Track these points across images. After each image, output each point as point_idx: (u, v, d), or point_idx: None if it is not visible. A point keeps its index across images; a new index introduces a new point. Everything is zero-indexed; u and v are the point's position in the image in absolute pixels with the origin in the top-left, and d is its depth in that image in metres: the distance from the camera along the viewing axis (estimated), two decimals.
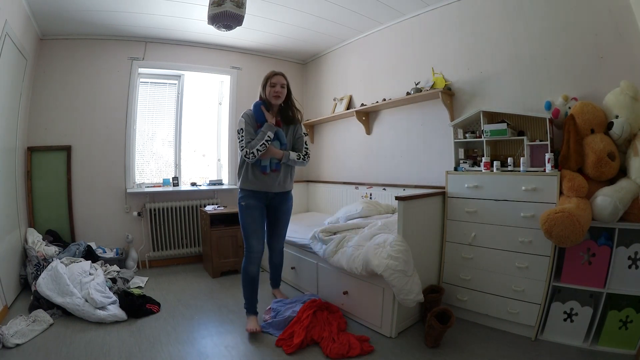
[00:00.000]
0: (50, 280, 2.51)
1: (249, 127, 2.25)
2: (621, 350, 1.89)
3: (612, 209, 1.83)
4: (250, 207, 2.33)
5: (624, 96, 1.94)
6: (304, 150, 2.39)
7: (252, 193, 2.33)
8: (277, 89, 2.33)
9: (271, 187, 2.33)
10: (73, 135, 3.52)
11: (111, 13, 3.13)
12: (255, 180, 2.30)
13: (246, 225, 2.33)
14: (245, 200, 2.33)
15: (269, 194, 2.37)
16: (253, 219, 2.32)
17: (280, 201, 2.46)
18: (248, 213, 2.32)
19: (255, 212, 2.33)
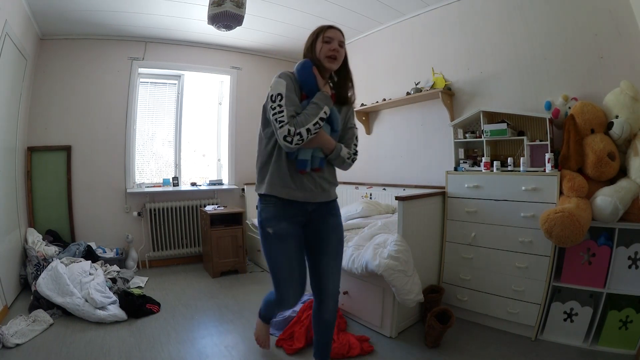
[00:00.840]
0: (50, 280, 2.51)
1: (291, 94, 1.44)
2: (621, 350, 1.89)
3: (612, 209, 1.83)
4: (282, 237, 1.51)
5: (624, 96, 1.94)
6: (353, 148, 1.61)
7: (283, 207, 1.51)
8: (334, 45, 1.50)
9: (314, 195, 1.52)
10: (73, 135, 3.52)
11: (111, 13, 3.13)
12: (289, 182, 1.48)
13: (278, 266, 1.55)
14: (273, 224, 1.51)
15: (309, 206, 1.54)
16: (288, 256, 1.53)
17: (325, 215, 1.59)
18: (279, 247, 1.52)
19: (291, 243, 1.53)
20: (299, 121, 1.39)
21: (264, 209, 1.54)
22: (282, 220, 1.51)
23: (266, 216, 1.53)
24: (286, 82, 1.46)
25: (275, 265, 1.56)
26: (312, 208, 1.55)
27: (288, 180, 1.48)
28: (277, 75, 1.50)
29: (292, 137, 1.37)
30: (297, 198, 1.50)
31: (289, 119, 1.39)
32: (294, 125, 1.38)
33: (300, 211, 1.53)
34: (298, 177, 1.49)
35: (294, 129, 1.38)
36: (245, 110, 4.37)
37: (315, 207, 1.56)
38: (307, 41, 1.60)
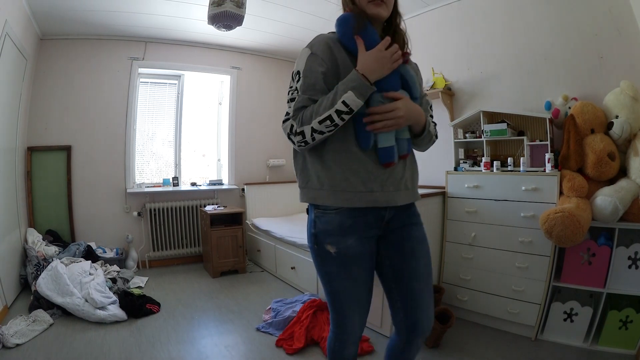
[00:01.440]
0: (50, 280, 2.51)
1: (314, 71, 1.05)
2: (621, 350, 1.89)
3: (612, 209, 1.83)
4: (349, 258, 1.07)
5: (624, 96, 1.94)
6: (432, 122, 1.22)
7: (353, 216, 1.05)
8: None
9: (395, 196, 1.07)
10: (73, 135, 3.52)
11: (111, 13, 3.12)
12: (365, 181, 1.03)
13: (342, 296, 1.12)
14: (336, 241, 1.06)
15: (386, 213, 1.09)
16: (356, 283, 1.11)
17: (407, 224, 1.15)
18: (345, 271, 1.09)
19: (360, 266, 1.10)
20: (306, 115, 1.00)
21: (321, 218, 1.07)
22: (350, 235, 1.05)
23: (324, 228, 1.07)
24: (312, 51, 1.06)
25: (337, 295, 1.11)
26: (390, 215, 1.09)
27: (363, 178, 1.02)
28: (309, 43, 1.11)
29: (294, 137, 1.02)
30: (376, 203, 1.03)
31: (296, 111, 1.03)
32: (298, 121, 1.01)
33: (375, 220, 1.07)
34: (378, 172, 1.03)
35: (296, 126, 1.01)
36: (245, 110, 4.37)
37: (393, 213, 1.10)
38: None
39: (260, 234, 3.75)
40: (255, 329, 2.33)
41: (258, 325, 2.35)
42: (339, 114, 0.97)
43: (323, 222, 1.08)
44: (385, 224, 1.11)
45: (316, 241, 1.10)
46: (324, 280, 1.14)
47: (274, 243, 3.43)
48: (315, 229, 1.09)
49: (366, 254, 1.10)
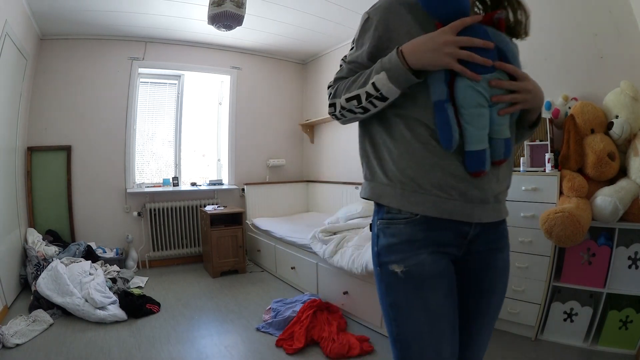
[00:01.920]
0: (50, 280, 2.51)
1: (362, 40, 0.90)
2: (621, 350, 1.89)
3: (612, 209, 1.83)
4: (420, 280, 0.80)
5: (624, 96, 1.94)
6: None
7: (426, 227, 0.80)
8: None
9: (480, 210, 0.81)
10: (73, 135, 3.52)
11: (111, 13, 3.12)
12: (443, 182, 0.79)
13: (410, 334, 0.82)
14: (403, 258, 0.81)
15: (470, 229, 0.83)
16: (431, 313, 0.80)
17: (493, 248, 0.90)
18: (415, 297, 0.81)
19: (437, 290, 0.81)
20: (340, 87, 0.86)
21: (385, 231, 0.84)
22: (422, 250, 0.80)
23: (388, 243, 0.83)
24: (369, 15, 0.86)
25: (409, 343, 0.81)
26: (475, 232, 0.83)
27: (439, 179, 0.78)
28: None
29: (329, 107, 0.89)
30: (452, 215, 0.79)
31: (336, 80, 0.90)
32: (333, 91, 0.88)
33: (454, 237, 0.82)
34: (462, 175, 0.79)
35: (330, 96, 0.89)
36: (245, 110, 4.37)
37: (479, 230, 0.84)
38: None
39: (260, 234, 3.75)
40: (255, 329, 2.33)
41: (258, 325, 2.35)
42: (367, 97, 0.79)
43: (387, 236, 0.83)
44: (467, 243, 0.84)
45: (379, 261, 0.85)
46: (389, 319, 0.84)
47: (274, 243, 3.43)
48: (378, 246, 0.85)
49: (446, 274, 0.81)
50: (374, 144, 0.87)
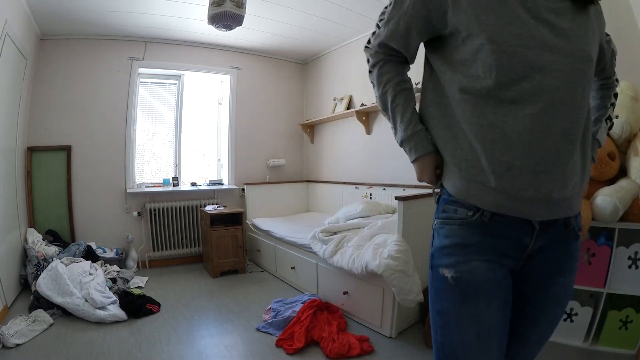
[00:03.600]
0: (50, 280, 2.51)
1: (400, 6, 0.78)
2: (621, 350, 1.89)
3: (612, 209, 1.83)
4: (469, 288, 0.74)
5: (624, 96, 1.94)
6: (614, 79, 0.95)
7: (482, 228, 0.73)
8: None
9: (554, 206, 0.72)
10: (73, 135, 3.52)
11: (111, 13, 3.12)
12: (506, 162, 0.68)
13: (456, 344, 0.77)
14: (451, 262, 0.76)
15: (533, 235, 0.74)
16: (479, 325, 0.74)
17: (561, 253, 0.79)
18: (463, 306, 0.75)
19: (490, 300, 0.74)
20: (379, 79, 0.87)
21: (440, 231, 0.80)
22: (475, 255, 0.74)
23: (441, 244, 0.78)
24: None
25: (450, 343, 0.78)
26: (539, 241, 0.75)
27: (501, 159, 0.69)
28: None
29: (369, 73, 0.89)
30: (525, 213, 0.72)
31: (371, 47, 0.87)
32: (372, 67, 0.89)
33: (516, 237, 0.74)
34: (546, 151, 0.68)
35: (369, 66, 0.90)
36: (245, 110, 4.37)
37: (544, 230, 0.74)
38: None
39: (260, 234, 3.75)
40: (255, 329, 2.33)
41: (258, 325, 2.35)
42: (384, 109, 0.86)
43: (441, 236, 0.78)
44: (527, 255, 0.75)
45: (431, 264, 0.80)
46: (435, 326, 0.79)
47: (274, 243, 3.43)
48: (432, 248, 0.81)
49: (502, 284, 0.74)
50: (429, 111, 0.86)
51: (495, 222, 0.72)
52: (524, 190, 0.68)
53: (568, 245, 0.78)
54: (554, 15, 0.68)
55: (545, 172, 0.68)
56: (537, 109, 0.66)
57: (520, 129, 0.67)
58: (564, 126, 0.67)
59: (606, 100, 0.92)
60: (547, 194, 0.69)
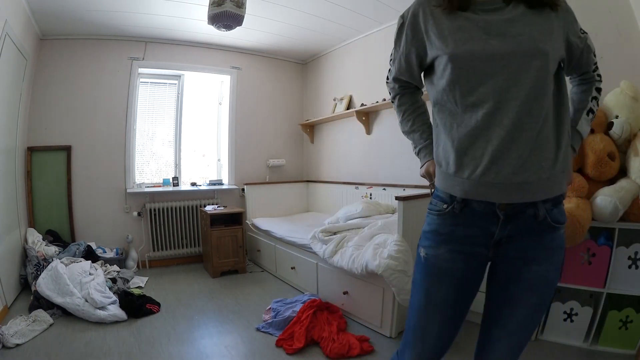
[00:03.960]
0: (50, 280, 2.51)
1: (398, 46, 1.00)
2: (621, 350, 1.89)
3: (612, 209, 1.83)
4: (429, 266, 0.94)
5: (624, 96, 1.94)
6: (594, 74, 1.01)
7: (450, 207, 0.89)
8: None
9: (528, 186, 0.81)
10: (73, 135, 3.52)
11: (111, 13, 3.12)
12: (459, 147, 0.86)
13: (411, 306, 1.00)
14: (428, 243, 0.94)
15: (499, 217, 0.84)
16: (431, 297, 0.94)
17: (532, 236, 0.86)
18: (421, 279, 0.96)
19: (444, 280, 0.93)
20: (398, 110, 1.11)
21: (427, 216, 0.97)
22: (443, 245, 0.91)
23: (424, 229, 0.97)
24: (403, 19, 0.97)
25: (412, 304, 0.99)
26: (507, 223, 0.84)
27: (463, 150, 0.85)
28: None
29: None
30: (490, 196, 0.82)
31: (390, 82, 1.10)
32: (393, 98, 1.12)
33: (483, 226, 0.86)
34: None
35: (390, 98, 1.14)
36: (246, 110, 4.37)
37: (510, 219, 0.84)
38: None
39: (260, 234, 3.75)
40: (255, 329, 2.33)
41: (258, 325, 2.35)
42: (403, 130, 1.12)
43: (426, 222, 0.97)
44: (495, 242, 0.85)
45: (418, 243, 1.00)
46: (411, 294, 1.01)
47: (274, 243, 3.43)
48: (422, 237, 0.98)
49: (457, 273, 0.90)
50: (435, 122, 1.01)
51: (465, 214, 0.87)
52: (486, 175, 0.81)
53: (542, 236, 0.85)
54: (506, 24, 0.82)
55: (502, 157, 0.80)
56: (490, 107, 0.80)
57: (479, 124, 0.81)
58: (515, 117, 0.79)
59: (586, 94, 0.99)
60: (507, 177, 0.80)
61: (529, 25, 0.81)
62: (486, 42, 0.81)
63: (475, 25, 0.83)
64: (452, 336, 0.98)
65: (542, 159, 0.80)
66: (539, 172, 0.80)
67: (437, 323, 0.95)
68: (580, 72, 0.99)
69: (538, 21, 0.82)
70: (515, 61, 0.80)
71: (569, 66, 0.96)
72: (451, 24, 0.85)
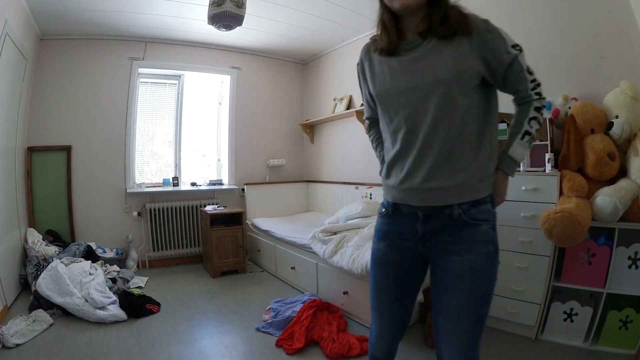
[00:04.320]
0: (50, 280, 2.51)
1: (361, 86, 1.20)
2: (621, 350, 1.89)
3: (612, 209, 1.83)
4: (374, 257, 1.15)
5: (624, 96, 1.94)
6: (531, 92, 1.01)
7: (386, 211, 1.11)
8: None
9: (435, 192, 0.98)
10: (73, 135, 3.52)
11: (111, 13, 3.12)
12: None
13: (369, 290, 1.19)
14: (374, 239, 1.16)
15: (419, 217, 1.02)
16: (378, 283, 1.14)
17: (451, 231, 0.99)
18: (372, 269, 1.16)
19: (381, 270, 1.13)
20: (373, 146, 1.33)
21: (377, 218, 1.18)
22: (382, 241, 1.12)
23: (374, 228, 1.19)
24: (359, 60, 1.16)
25: (369, 284, 1.19)
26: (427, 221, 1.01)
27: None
28: None
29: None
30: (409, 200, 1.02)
31: (366, 120, 1.33)
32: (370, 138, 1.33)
33: (409, 225, 1.04)
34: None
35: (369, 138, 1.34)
36: (246, 110, 4.37)
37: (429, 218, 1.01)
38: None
39: (260, 234, 3.75)
40: (255, 329, 2.33)
41: (258, 325, 2.35)
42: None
43: (377, 224, 1.17)
44: (420, 237, 1.02)
45: (373, 241, 1.19)
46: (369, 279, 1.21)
47: (274, 243, 3.43)
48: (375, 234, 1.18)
49: (394, 264, 1.09)
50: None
51: (395, 216, 1.08)
52: (403, 183, 1.02)
53: (461, 232, 0.98)
54: (415, 62, 0.98)
55: (415, 170, 0.99)
56: (405, 132, 1.00)
57: (399, 146, 1.02)
58: (424, 138, 0.97)
59: (523, 116, 1.03)
60: (418, 185, 0.99)
61: (434, 58, 0.95)
62: (399, 80, 1.00)
63: (393, 68, 1.02)
64: (403, 316, 1.15)
65: (454, 170, 0.96)
66: (449, 180, 0.96)
67: (386, 304, 1.13)
68: (513, 89, 1.03)
69: (446, 50, 0.94)
70: (420, 92, 0.96)
71: (497, 83, 1.02)
72: (379, 67, 1.06)
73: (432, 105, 0.95)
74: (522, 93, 1.02)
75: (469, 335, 0.99)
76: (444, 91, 0.93)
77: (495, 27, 0.98)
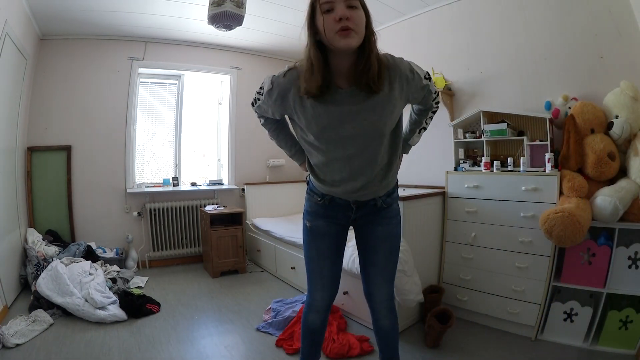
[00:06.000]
0: (50, 280, 2.51)
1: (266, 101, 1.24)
2: (621, 350, 1.89)
3: (612, 209, 1.83)
4: (314, 232, 1.40)
5: (624, 96, 1.94)
6: (433, 103, 1.33)
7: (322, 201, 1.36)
8: (340, 11, 1.03)
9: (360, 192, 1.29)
10: (73, 135, 3.52)
11: (111, 13, 3.12)
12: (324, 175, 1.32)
13: (306, 259, 1.44)
14: (310, 218, 1.40)
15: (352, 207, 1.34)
16: (316, 251, 1.41)
17: (375, 212, 1.36)
18: (310, 241, 1.42)
19: (322, 242, 1.40)
20: (269, 131, 1.49)
21: (307, 201, 1.45)
22: (320, 218, 1.39)
23: (306, 208, 1.45)
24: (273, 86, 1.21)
25: (306, 259, 1.45)
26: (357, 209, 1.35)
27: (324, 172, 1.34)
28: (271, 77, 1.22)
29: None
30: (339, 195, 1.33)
31: (257, 109, 1.38)
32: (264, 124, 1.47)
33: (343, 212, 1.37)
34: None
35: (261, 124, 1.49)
36: (246, 110, 4.36)
37: (359, 207, 1.35)
38: (305, 17, 1.14)
39: (260, 234, 3.75)
40: (255, 329, 2.33)
41: (258, 325, 2.35)
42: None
43: (306, 204, 1.44)
44: (352, 220, 1.39)
45: (303, 218, 1.45)
46: (303, 249, 1.46)
47: (274, 243, 3.43)
48: (304, 207, 1.45)
49: (332, 234, 1.39)
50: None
51: (332, 205, 1.35)
52: (340, 187, 1.29)
53: (380, 212, 1.35)
54: (354, 114, 1.13)
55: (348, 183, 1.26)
56: (341, 162, 1.23)
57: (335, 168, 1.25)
58: (357, 167, 1.23)
59: (423, 117, 1.38)
60: (354, 191, 1.28)
61: (371, 112, 1.13)
62: (343, 129, 1.15)
63: (331, 114, 1.13)
64: (338, 273, 1.45)
65: (379, 184, 1.28)
66: (376, 189, 1.30)
67: (327, 267, 1.41)
68: (422, 107, 1.35)
69: (380, 103, 1.12)
70: (361, 140, 1.17)
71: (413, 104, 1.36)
72: (314, 111, 1.14)
73: (370, 149, 1.20)
74: (427, 106, 1.34)
75: (392, 277, 1.43)
76: (379, 141, 1.20)
77: (412, 67, 1.17)
